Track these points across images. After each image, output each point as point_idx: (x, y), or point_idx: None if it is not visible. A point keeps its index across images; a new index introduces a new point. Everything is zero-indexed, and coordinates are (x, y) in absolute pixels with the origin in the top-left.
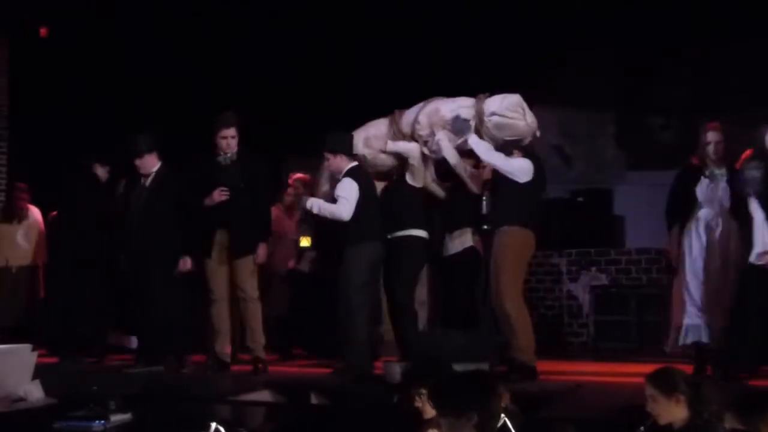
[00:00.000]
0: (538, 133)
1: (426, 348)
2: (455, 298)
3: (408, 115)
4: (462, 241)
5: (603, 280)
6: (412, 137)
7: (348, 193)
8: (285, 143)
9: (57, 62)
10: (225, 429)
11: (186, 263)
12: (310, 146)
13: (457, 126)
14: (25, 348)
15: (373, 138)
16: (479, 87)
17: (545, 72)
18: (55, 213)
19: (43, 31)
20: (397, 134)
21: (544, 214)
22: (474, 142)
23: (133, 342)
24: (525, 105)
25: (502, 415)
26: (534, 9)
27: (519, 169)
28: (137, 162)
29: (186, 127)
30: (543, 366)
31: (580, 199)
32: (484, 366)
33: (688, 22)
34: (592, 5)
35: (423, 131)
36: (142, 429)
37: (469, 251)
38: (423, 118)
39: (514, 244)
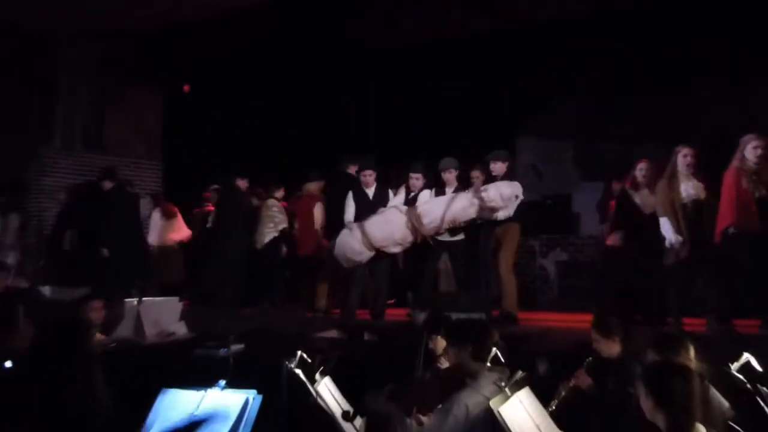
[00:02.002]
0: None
1: (440, 303)
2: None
3: (428, 224)
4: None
5: (564, 257)
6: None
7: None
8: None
9: (197, 109)
10: (307, 356)
11: None
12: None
13: (482, 216)
14: (173, 299)
15: (397, 239)
16: (475, 128)
17: (526, 115)
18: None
19: (186, 88)
20: (417, 231)
21: (525, 213)
22: (502, 215)
23: None
24: (518, 191)
25: (494, 348)
26: (519, 72)
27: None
28: None
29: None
30: (523, 315)
31: (549, 201)
32: (481, 315)
33: (623, 83)
34: (563, 70)
35: (445, 227)
36: (250, 355)
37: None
38: (446, 225)
39: (514, 233)
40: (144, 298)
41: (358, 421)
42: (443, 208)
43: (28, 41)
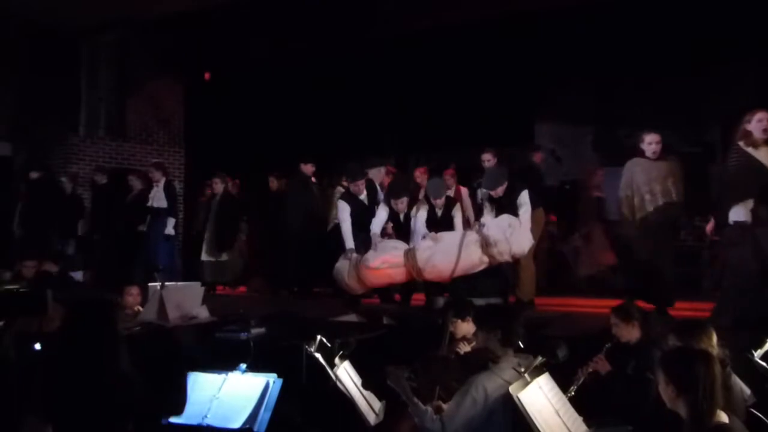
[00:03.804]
0: None
1: (458, 287)
2: None
3: (431, 278)
4: None
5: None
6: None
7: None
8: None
9: (218, 96)
10: (326, 340)
11: None
12: None
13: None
14: (195, 284)
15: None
16: (494, 113)
17: (544, 99)
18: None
19: (206, 76)
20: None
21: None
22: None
23: None
24: (528, 243)
25: None
26: (536, 57)
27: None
28: None
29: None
30: (541, 300)
31: (568, 186)
32: (499, 300)
33: (642, 67)
34: (581, 55)
35: None
36: (271, 339)
37: None
38: (460, 270)
39: (537, 219)
40: (167, 283)
41: (378, 405)
42: (450, 266)
43: (49, 32)
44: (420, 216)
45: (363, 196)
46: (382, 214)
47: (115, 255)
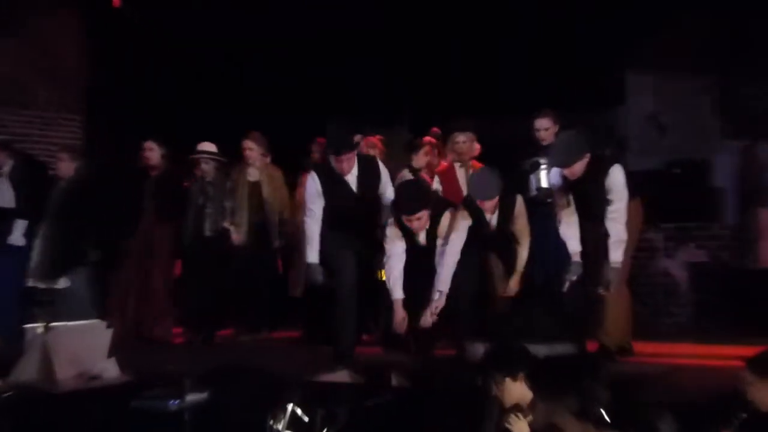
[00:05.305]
0: None
1: (506, 329)
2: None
3: None
4: None
5: (702, 256)
6: None
7: None
8: None
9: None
10: (302, 411)
11: None
12: None
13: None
14: (99, 324)
15: None
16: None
17: (640, 35)
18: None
19: (115, 1)
20: None
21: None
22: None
23: None
24: None
25: None
26: None
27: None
28: None
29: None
30: (637, 347)
31: (677, 170)
32: (571, 348)
33: None
34: None
35: None
36: (218, 409)
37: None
38: None
39: (633, 213)
40: (54, 323)
41: None
42: None
43: None
44: (455, 240)
45: (353, 179)
46: (397, 245)
47: None
